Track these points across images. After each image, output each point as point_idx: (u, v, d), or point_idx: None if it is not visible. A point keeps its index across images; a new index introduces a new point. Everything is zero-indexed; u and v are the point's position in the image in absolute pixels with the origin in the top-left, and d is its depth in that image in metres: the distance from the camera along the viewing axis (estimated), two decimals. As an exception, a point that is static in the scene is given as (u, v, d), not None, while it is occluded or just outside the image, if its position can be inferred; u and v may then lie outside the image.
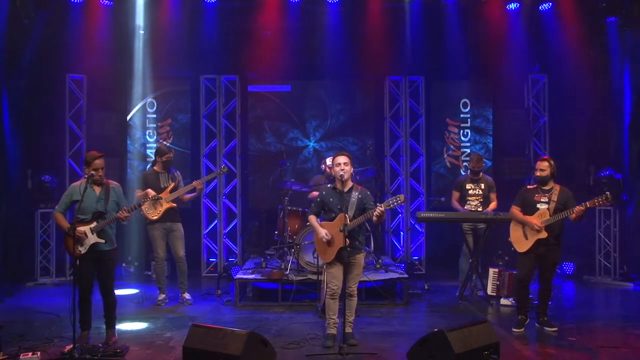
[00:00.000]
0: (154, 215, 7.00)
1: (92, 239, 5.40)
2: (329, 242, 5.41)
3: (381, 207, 5.26)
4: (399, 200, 5.29)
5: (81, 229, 5.36)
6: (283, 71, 9.46)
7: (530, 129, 9.56)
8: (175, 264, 7.32)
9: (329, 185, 5.70)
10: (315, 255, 6.91)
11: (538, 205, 5.87)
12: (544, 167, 5.89)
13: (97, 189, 5.51)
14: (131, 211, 5.54)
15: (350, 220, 5.31)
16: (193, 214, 9.13)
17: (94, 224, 5.41)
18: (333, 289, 5.48)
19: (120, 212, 5.43)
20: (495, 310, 6.96)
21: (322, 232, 5.40)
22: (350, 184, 5.52)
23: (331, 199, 5.51)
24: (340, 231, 5.24)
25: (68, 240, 5.37)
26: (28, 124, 8.58)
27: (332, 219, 5.48)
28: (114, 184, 5.66)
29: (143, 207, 6.89)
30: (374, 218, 5.28)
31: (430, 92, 9.70)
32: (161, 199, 6.80)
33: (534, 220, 5.83)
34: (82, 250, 5.37)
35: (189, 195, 7.23)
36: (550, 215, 5.78)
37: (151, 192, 6.85)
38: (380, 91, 9.68)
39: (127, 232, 8.30)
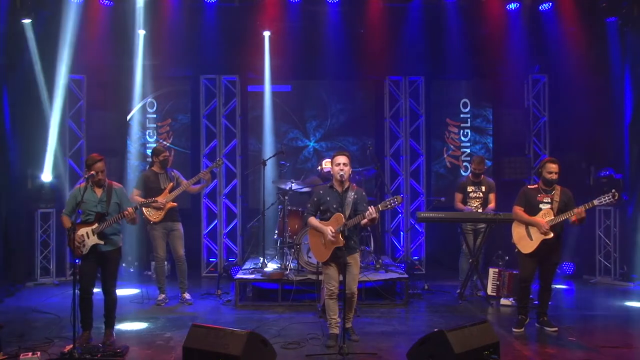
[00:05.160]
0: (157, 217, 7.01)
1: (93, 240, 5.43)
2: (325, 242, 5.41)
3: (371, 213, 5.21)
4: (396, 201, 5.28)
5: (82, 230, 5.40)
6: (283, 71, 9.46)
7: (530, 129, 9.57)
8: (175, 263, 7.33)
9: (327, 185, 5.71)
10: (310, 255, 6.92)
11: (541, 206, 5.85)
12: (557, 170, 5.84)
13: (99, 191, 5.54)
14: (135, 211, 5.55)
15: (345, 220, 5.32)
16: (193, 214, 9.14)
17: (95, 226, 5.43)
18: (331, 290, 5.50)
19: (127, 210, 5.44)
20: (495, 310, 6.97)
21: (328, 229, 5.38)
22: (347, 183, 5.52)
23: (328, 198, 5.52)
24: (340, 232, 5.26)
25: (70, 239, 5.38)
26: (28, 124, 8.58)
27: (327, 219, 5.48)
28: (117, 185, 5.68)
29: (144, 210, 6.92)
30: (364, 221, 5.26)
31: (430, 92, 9.71)
32: (157, 202, 6.79)
33: (543, 221, 5.79)
34: (84, 250, 5.42)
35: (197, 187, 7.26)
36: (554, 215, 5.77)
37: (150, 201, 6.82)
38: (380, 91, 9.68)
39: (127, 232, 8.29)
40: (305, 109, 9.87)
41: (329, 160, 5.93)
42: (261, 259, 7.74)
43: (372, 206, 5.31)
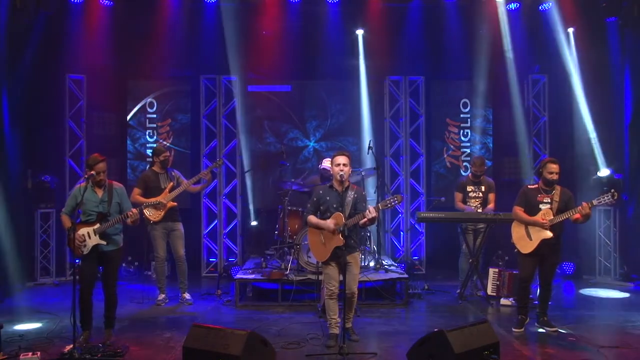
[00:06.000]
0: (156, 217, 7.01)
1: (94, 240, 5.43)
2: (325, 241, 5.41)
3: (371, 212, 5.23)
4: (396, 200, 5.29)
5: (83, 230, 5.40)
6: (283, 71, 9.46)
7: (530, 129, 9.57)
8: (175, 263, 7.33)
9: (326, 185, 5.71)
10: (310, 255, 6.92)
11: (540, 206, 5.85)
12: (557, 170, 5.83)
13: (99, 192, 5.54)
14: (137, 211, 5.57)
15: (345, 219, 5.32)
16: (193, 214, 9.14)
17: (97, 226, 5.44)
18: (331, 290, 5.51)
19: (132, 210, 5.46)
20: (495, 310, 6.97)
21: (329, 222, 5.39)
22: (347, 183, 5.53)
23: (328, 198, 5.52)
24: (340, 231, 5.27)
25: (70, 239, 5.38)
26: (28, 124, 8.58)
27: (327, 219, 5.48)
28: (117, 185, 5.68)
29: (145, 209, 6.92)
30: (364, 220, 5.27)
31: (430, 92, 9.70)
32: (161, 203, 6.79)
33: (542, 219, 5.79)
34: (85, 250, 5.41)
35: (197, 186, 7.27)
36: (553, 215, 5.77)
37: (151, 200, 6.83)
38: (380, 91, 9.68)
39: (127, 232, 8.28)
40: (305, 109, 9.86)
41: (329, 159, 5.93)
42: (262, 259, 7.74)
43: (371, 205, 5.32)
